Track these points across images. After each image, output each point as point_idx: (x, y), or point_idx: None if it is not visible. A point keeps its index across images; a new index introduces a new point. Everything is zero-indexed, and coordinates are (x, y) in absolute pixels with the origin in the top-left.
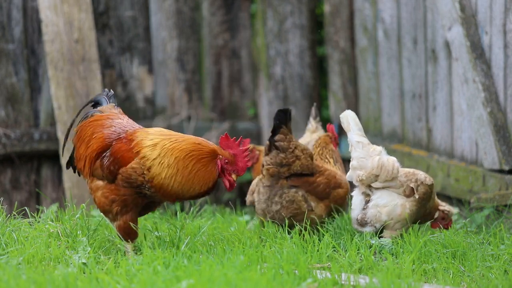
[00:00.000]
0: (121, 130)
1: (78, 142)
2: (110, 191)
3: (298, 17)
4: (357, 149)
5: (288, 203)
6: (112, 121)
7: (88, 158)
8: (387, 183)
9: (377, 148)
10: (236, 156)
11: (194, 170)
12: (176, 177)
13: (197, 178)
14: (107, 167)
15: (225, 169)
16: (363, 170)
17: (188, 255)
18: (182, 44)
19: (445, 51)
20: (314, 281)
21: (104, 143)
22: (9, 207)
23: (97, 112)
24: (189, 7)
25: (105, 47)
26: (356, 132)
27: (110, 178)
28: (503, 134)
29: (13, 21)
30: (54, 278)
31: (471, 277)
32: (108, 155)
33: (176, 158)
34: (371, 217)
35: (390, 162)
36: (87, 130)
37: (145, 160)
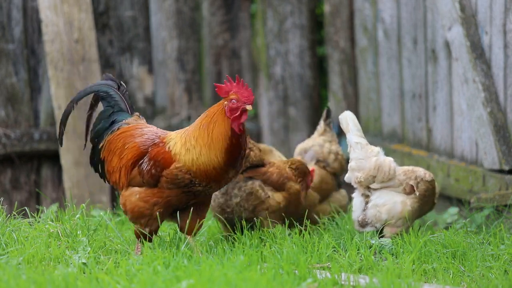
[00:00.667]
0: (154, 136)
1: (109, 156)
2: (153, 194)
3: (298, 17)
4: (355, 150)
5: (248, 195)
6: (142, 130)
7: (124, 169)
8: (385, 184)
9: (375, 149)
10: (237, 91)
11: (210, 132)
12: (202, 151)
13: (216, 137)
14: (147, 171)
15: (236, 109)
16: (361, 171)
17: (188, 255)
18: (182, 44)
19: (445, 51)
20: (314, 281)
21: (139, 150)
22: (9, 207)
23: (123, 124)
24: (189, 7)
25: (105, 47)
26: (355, 133)
27: (152, 182)
28: (503, 134)
29: (13, 21)
30: (54, 278)
31: (471, 277)
32: (147, 160)
33: (194, 137)
34: (371, 217)
35: (387, 162)
36: (117, 142)
37: (177, 156)
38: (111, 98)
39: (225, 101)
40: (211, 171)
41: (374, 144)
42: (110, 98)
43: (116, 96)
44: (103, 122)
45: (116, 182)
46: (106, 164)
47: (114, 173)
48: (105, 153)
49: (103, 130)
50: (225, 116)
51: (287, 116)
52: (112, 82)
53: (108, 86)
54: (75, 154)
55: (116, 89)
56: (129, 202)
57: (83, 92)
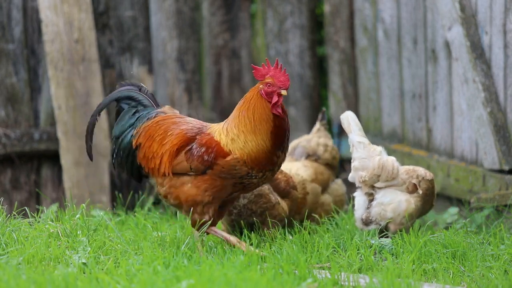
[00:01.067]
0: (200, 125)
1: (146, 142)
2: (203, 181)
3: (298, 17)
4: (358, 149)
5: (257, 197)
6: (183, 119)
7: (168, 154)
8: (389, 183)
9: (377, 148)
10: (274, 75)
11: (251, 117)
12: (247, 138)
13: (259, 121)
14: (198, 157)
15: (271, 93)
16: (365, 170)
17: (188, 255)
18: (182, 44)
19: (445, 51)
20: (314, 281)
21: (185, 137)
22: (9, 207)
23: (160, 113)
24: (189, 7)
25: (105, 47)
26: (357, 132)
27: (201, 168)
28: (503, 134)
29: (13, 21)
30: (54, 278)
31: (471, 277)
32: (197, 147)
33: (236, 126)
34: (375, 215)
35: (390, 162)
36: (157, 129)
37: (226, 146)
38: (131, 100)
39: (261, 84)
40: (260, 157)
41: (374, 144)
42: (131, 100)
43: (138, 96)
44: (128, 120)
45: (155, 167)
46: (142, 150)
47: (153, 159)
48: (141, 139)
49: (129, 126)
50: (262, 99)
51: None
52: (131, 86)
53: (128, 90)
54: (75, 154)
55: (137, 91)
56: (182, 193)
57: (103, 104)
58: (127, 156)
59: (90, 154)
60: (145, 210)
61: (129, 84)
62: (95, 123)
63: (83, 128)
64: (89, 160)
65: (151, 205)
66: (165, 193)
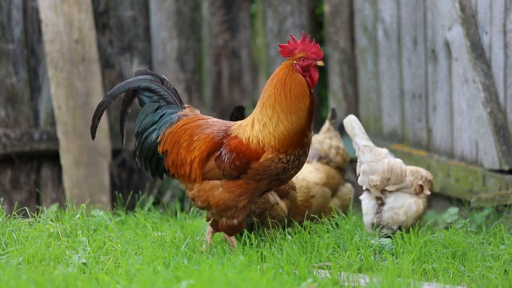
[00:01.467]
0: (225, 127)
1: (173, 148)
2: (238, 185)
3: (298, 17)
4: (365, 153)
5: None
6: (207, 120)
7: (197, 161)
8: (398, 185)
9: (382, 150)
10: (304, 49)
11: (288, 94)
12: (280, 117)
13: (296, 97)
14: (229, 164)
15: (307, 66)
16: (375, 174)
17: (188, 255)
18: (182, 44)
19: (445, 51)
20: (314, 281)
21: (212, 142)
22: (9, 207)
23: (182, 116)
24: (189, 7)
25: (105, 47)
26: (361, 136)
27: (234, 174)
28: (503, 134)
29: (13, 21)
30: (54, 278)
31: (471, 277)
32: (226, 153)
33: (270, 107)
34: (387, 220)
35: (398, 164)
36: (182, 134)
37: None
38: (153, 93)
39: (293, 60)
40: (293, 137)
41: (374, 144)
42: (152, 93)
43: (160, 90)
44: (149, 117)
45: (186, 175)
46: (170, 157)
47: (182, 166)
48: (167, 146)
49: (151, 124)
50: (299, 74)
51: None
52: (151, 77)
53: (149, 81)
54: (75, 154)
55: (159, 83)
56: (212, 196)
57: (121, 87)
58: (151, 157)
59: (94, 133)
60: (145, 210)
61: (149, 73)
62: (108, 105)
63: (83, 128)
64: (89, 159)
65: (151, 205)
66: (193, 196)
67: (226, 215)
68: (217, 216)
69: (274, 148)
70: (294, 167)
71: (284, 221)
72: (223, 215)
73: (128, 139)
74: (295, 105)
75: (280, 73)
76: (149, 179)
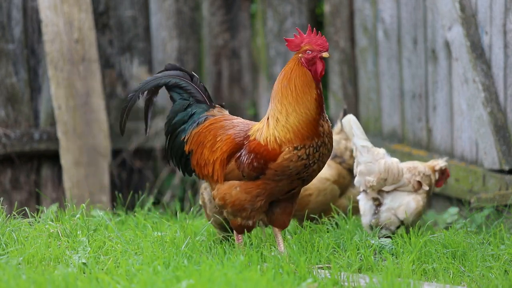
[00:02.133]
0: (247, 128)
1: (198, 148)
2: (256, 186)
3: (298, 17)
4: (363, 153)
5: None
6: (231, 121)
7: (219, 162)
8: (395, 185)
9: (380, 151)
10: (310, 41)
11: (293, 87)
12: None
13: (302, 89)
14: (248, 165)
15: (313, 59)
16: (371, 175)
17: (188, 255)
18: (182, 44)
19: (445, 51)
20: (314, 281)
21: (233, 143)
22: (9, 207)
23: (210, 116)
24: (189, 7)
25: (105, 47)
26: (360, 136)
27: (253, 175)
28: (503, 134)
29: (13, 21)
30: (54, 278)
31: (471, 277)
32: (246, 153)
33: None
34: (385, 220)
35: (395, 164)
36: (207, 134)
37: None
38: (183, 91)
39: (299, 53)
40: (307, 128)
41: (374, 144)
42: (182, 90)
43: (190, 88)
44: (179, 115)
45: (209, 175)
46: (195, 157)
47: (206, 166)
48: (193, 145)
49: (181, 123)
50: (303, 67)
51: None
52: (181, 73)
53: (179, 78)
54: (75, 154)
55: (189, 80)
56: (229, 195)
57: (149, 83)
58: (180, 157)
59: (123, 129)
60: (145, 210)
61: (179, 68)
62: (136, 101)
63: (83, 128)
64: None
65: (151, 205)
66: (213, 195)
67: (241, 215)
68: (232, 215)
69: (290, 143)
70: (315, 161)
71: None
72: (238, 215)
73: (127, 139)
74: (301, 97)
75: (286, 68)
76: (149, 179)
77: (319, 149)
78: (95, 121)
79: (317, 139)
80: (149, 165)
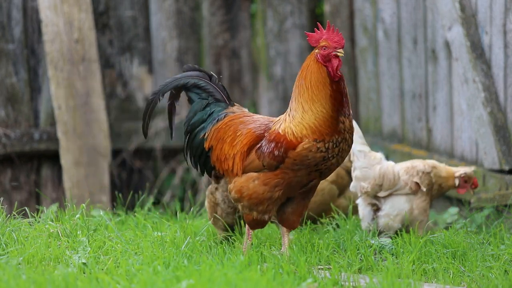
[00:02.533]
0: (267, 122)
1: (218, 144)
2: (274, 175)
3: (298, 17)
4: (359, 158)
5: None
6: (252, 117)
7: (239, 155)
8: (391, 190)
9: (377, 155)
10: (327, 38)
11: (308, 84)
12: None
13: (315, 86)
14: (268, 154)
15: (327, 55)
16: (366, 181)
17: (188, 255)
18: (182, 44)
19: (445, 51)
20: (314, 281)
21: (254, 135)
22: (9, 207)
23: (229, 113)
24: (189, 7)
25: (105, 47)
26: (357, 140)
27: (274, 164)
28: (503, 134)
29: (13, 21)
30: (54, 278)
31: (471, 277)
32: (266, 143)
33: (295, 99)
34: (383, 226)
35: (390, 169)
36: (227, 130)
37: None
38: (201, 90)
39: (316, 49)
40: (324, 124)
41: (374, 144)
42: (201, 90)
43: (209, 87)
44: (198, 114)
45: (229, 169)
46: (215, 153)
47: (226, 160)
48: (213, 141)
49: (201, 122)
50: (319, 63)
51: None
52: (199, 73)
53: (198, 78)
54: (75, 154)
55: (207, 80)
56: (246, 188)
57: (169, 84)
58: (200, 156)
59: (146, 132)
60: (145, 210)
61: (197, 69)
62: (157, 102)
63: (83, 128)
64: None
65: (151, 205)
66: (230, 188)
67: (257, 209)
68: (247, 209)
69: (308, 136)
70: (334, 155)
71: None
72: (254, 209)
73: (127, 139)
74: (316, 94)
75: (304, 64)
76: (149, 179)
77: (339, 145)
78: (95, 121)
79: (337, 135)
80: (149, 165)
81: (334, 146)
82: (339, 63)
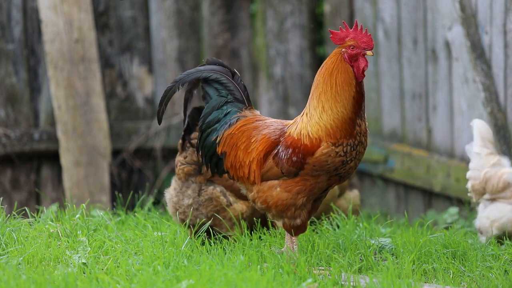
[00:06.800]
0: (282, 126)
1: (231, 150)
2: (295, 183)
3: (298, 17)
4: (472, 160)
5: (207, 201)
6: (264, 122)
7: (256, 162)
8: (495, 195)
9: (493, 159)
10: (355, 37)
11: (334, 83)
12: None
13: (341, 86)
14: (287, 160)
15: (356, 55)
16: (474, 181)
17: (188, 255)
18: (182, 44)
19: (445, 51)
20: (314, 281)
21: (269, 141)
22: (9, 207)
23: (241, 117)
24: (189, 7)
25: (105, 47)
26: (477, 142)
27: (293, 171)
28: (503, 134)
29: (13, 21)
30: (54, 278)
31: (471, 277)
32: (283, 149)
33: (316, 98)
34: (479, 226)
35: (497, 175)
36: (240, 136)
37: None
38: (222, 87)
39: (342, 48)
40: (342, 126)
41: (374, 144)
42: (222, 86)
43: (230, 85)
44: (215, 113)
45: (244, 176)
46: (228, 159)
47: (241, 168)
48: (226, 148)
49: (216, 121)
50: (345, 63)
51: (287, 116)
52: (222, 69)
53: (220, 74)
54: (75, 154)
55: (230, 77)
56: (271, 197)
57: (190, 74)
58: (211, 157)
59: (161, 118)
60: (145, 210)
61: (221, 64)
62: (176, 91)
63: (83, 128)
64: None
65: (151, 205)
66: (253, 198)
67: (286, 215)
68: (278, 217)
69: (324, 139)
70: (352, 158)
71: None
72: (283, 215)
73: (127, 139)
74: (340, 94)
75: (328, 62)
76: (149, 179)
77: (356, 148)
78: (95, 121)
79: (354, 139)
80: (149, 165)
81: (351, 149)
82: (366, 63)
